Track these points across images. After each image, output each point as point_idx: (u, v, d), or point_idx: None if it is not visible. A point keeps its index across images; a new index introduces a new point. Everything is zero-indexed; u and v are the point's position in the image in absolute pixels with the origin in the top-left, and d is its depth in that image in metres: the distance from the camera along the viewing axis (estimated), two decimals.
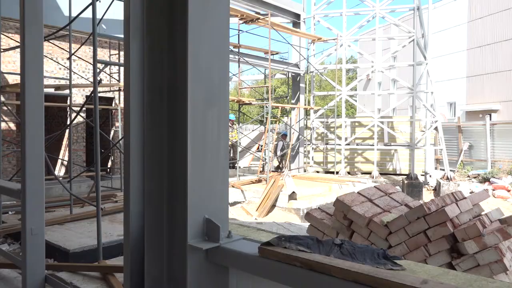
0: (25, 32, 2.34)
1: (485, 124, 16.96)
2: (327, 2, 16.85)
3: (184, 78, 1.21)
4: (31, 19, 2.35)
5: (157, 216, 1.31)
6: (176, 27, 1.24)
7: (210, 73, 1.26)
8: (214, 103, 1.27)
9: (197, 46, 1.21)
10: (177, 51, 1.24)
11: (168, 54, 1.28)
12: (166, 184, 1.29)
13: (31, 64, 2.37)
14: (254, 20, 13.04)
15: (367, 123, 16.45)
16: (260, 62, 14.91)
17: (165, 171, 1.29)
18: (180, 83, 1.23)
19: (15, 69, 9.85)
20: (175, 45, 1.25)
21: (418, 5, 15.43)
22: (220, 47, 1.29)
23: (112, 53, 12.11)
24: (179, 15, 1.22)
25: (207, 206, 1.27)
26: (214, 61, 1.26)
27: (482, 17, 24.08)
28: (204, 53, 1.23)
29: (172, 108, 1.27)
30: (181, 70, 1.22)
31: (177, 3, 1.23)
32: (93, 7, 4.63)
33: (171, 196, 1.28)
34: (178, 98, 1.24)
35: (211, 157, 1.27)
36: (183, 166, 1.22)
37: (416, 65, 15.47)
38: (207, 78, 1.25)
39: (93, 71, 4.87)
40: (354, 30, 16.58)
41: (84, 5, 5.62)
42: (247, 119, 23.80)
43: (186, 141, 1.21)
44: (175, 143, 1.26)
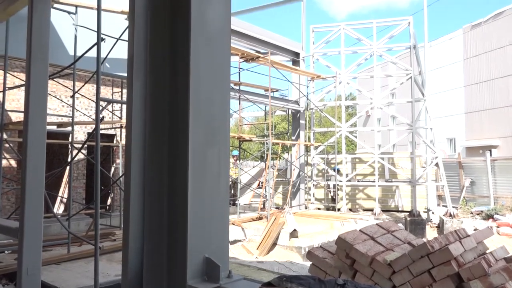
0: (31, 71, 2.39)
1: (486, 160, 16.95)
2: (326, 41, 17.31)
3: (186, 116, 1.22)
4: (37, 58, 2.41)
5: (157, 254, 1.28)
6: (178, 66, 1.27)
7: (211, 111, 1.28)
8: (215, 140, 1.28)
9: (199, 85, 1.23)
10: (179, 90, 1.26)
11: (170, 93, 1.30)
12: (166, 222, 1.28)
13: (35, 102, 2.41)
14: (255, 59, 13.34)
15: (368, 159, 16.46)
16: (261, 99, 15.11)
17: (166, 208, 1.28)
18: (181, 121, 1.24)
19: (18, 107, 9.98)
20: (177, 84, 1.27)
21: (415, 44, 15.82)
22: (221, 85, 1.31)
23: (115, 90, 12.31)
24: (181, 55, 1.25)
25: (207, 244, 1.25)
26: (215, 99, 1.28)
27: (477, 55, 24.64)
28: (206, 91, 1.25)
29: (173, 146, 1.28)
30: (183, 108, 1.24)
31: (179, 44, 1.26)
32: (98, 47, 4.75)
33: (171, 234, 1.27)
34: (179, 136, 1.25)
35: (211, 195, 1.27)
36: (183, 203, 1.21)
37: (415, 101, 15.67)
38: (208, 116, 1.27)
39: (96, 108, 4.93)
40: (353, 67, 16.92)
41: (88, 44, 5.77)
42: (248, 155, 23.82)
43: (186, 179, 1.21)
44: (176, 181, 1.26)
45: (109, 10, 9.31)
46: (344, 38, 16.64)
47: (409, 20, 15.99)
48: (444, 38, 27.34)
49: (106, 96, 11.95)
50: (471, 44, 25.13)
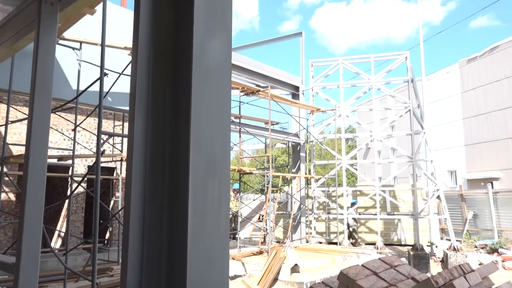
0: (34, 105, 2.42)
1: (488, 193, 16.84)
2: (325, 75, 17.61)
3: (186, 150, 1.23)
4: (40, 93, 2.45)
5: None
6: (180, 101, 1.29)
7: (212, 144, 1.28)
8: (215, 173, 1.28)
9: (200, 119, 1.25)
10: (180, 124, 1.27)
11: (170, 127, 1.32)
12: (165, 257, 1.26)
13: (37, 135, 2.42)
14: (255, 92, 13.52)
15: (369, 192, 16.35)
16: (261, 132, 15.20)
17: (165, 243, 1.27)
18: (182, 155, 1.25)
19: (20, 140, 10.03)
20: (178, 118, 1.29)
21: (412, 78, 16.08)
22: (222, 119, 1.32)
23: (116, 124, 12.41)
24: (182, 90, 1.27)
25: (206, 280, 1.22)
26: (216, 132, 1.29)
27: (475, 88, 24.99)
28: (206, 125, 1.27)
29: (174, 179, 1.28)
30: (183, 143, 1.24)
31: (181, 79, 1.29)
32: (100, 81, 4.83)
33: (169, 270, 1.24)
34: (180, 169, 1.26)
35: (211, 229, 1.25)
36: (183, 238, 1.20)
37: (414, 134, 15.75)
38: (209, 149, 1.27)
39: (97, 142, 4.96)
40: (352, 101, 17.12)
41: (91, 78, 5.87)
42: (248, 188, 23.69)
43: (186, 213, 1.20)
44: (176, 214, 1.25)
45: (112, 46, 9.54)
46: (342, 72, 16.94)
47: (406, 54, 16.32)
48: (441, 71, 27.81)
49: (108, 129, 12.03)
50: (468, 77, 25.54)
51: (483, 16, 77.60)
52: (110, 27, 7.24)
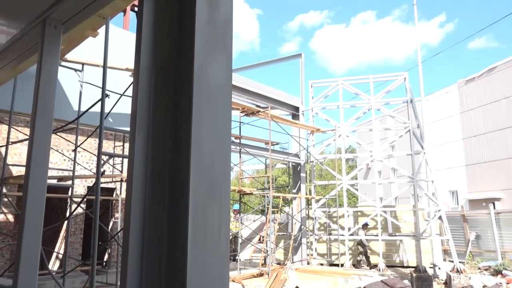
0: (35, 126, 2.43)
1: (490, 213, 16.72)
2: (324, 95, 17.73)
3: (187, 170, 1.23)
4: (42, 114, 2.46)
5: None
6: (180, 122, 1.29)
7: (212, 164, 1.28)
8: (215, 195, 1.28)
9: (200, 140, 1.25)
10: (180, 145, 1.28)
11: (171, 147, 1.32)
12: (164, 280, 1.24)
13: (38, 156, 2.42)
14: (255, 113, 13.60)
15: (370, 213, 16.23)
16: (261, 153, 15.21)
17: (164, 266, 1.25)
18: (182, 175, 1.25)
19: (20, 161, 10.03)
20: (178, 139, 1.29)
21: (411, 98, 16.19)
22: (222, 140, 1.33)
23: (116, 144, 12.43)
24: (183, 111, 1.28)
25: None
26: (216, 153, 1.30)
27: (474, 108, 25.12)
28: (207, 146, 1.27)
29: (174, 200, 1.27)
30: (184, 163, 1.24)
31: (182, 100, 1.30)
32: (102, 102, 4.86)
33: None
34: (180, 190, 1.25)
35: (211, 251, 1.24)
36: (182, 259, 1.18)
37: (414, 154, 15.75)
38: (209, 170, 1.27)
39: (97, 163, 4.96)
40: (352, 121, 17.18)
41: (92, 99, 5.92)
42: (248, 209, 23.54)
43: (186, 234, 1.19)
44: (176, 236, 1.24)
45: (114, 67, 9.64)
46: (342, 93, 17.06)
47: (405, 75, 16.48)
48: (440, 92, 28.02)
49: (108, 150, 12.04)
50: (467, 98, 25.71)
51: (481, 37, 78.91)
52: (112, 49, 7.34)
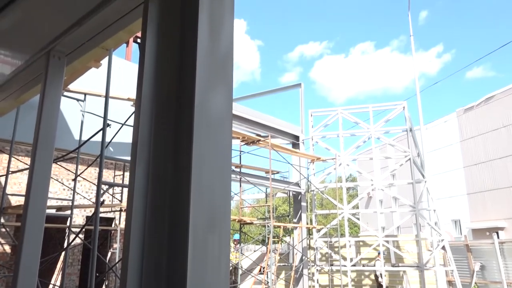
0: (36, 155, 2.44)
1: (494, 243, 16.47)
2: (324, 124, 17.82)
3: (187, 200, 1.22)
4: (43, 143, 2.47)
5: None
6: (181, 151, 1.30)
7: (213, 195, 1.28)
8: (215, 224, 1.26)
9: (201, 169, 1.25)
10: (181, 174, 1.28)
11: (171, 177, 1.32)
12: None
13: (37, 185, 2.42)
14: (255, 142, 13.63)
15: (372, 242, 16.00)
16: (261, 182, 15.14)
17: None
18: (182, 205, 1.24)
19: (19, 191, 9.98)
20: (179, 169, 1.29)
21: (411, 127, 16.27)
22: (222, 169, 1.33)
23: (116, 173, 12.40)
24: (184, 141, 1.29)
25: None
26: (217, 182, 1.29)
27: (473, 136, 25.21)
28: (207, 175, 1.27)
29: (174, 230, 1.26)
30: (184, 192, 1.24)
31: (183, 130, 1.30)
32: (103, 132, 4.88)
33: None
34: (180, 220, 1.24)
35: (211, 281, 1.22)
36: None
37: (415, 183, 15.67)
38: (209, 200, 1.27)
39: (97, 192, 4.93)
40: (352, 150, 17.20)
41: (93, 128, 5.95)
42: (249, 239, 23.23)
43: (186, 265, 1.17)
44: (175, 267, 1.22)
45: (116, 97, 9.74)
46: (342, 122, 17.16)
47: (404, 104, 16.62)
48: (439, 121, 28.20)
49: (108, 179, 12.00)
50: (466, 126, 25.84)
51: (479, 67, 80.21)
52: (114, 79, 7.44)
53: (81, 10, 2.10)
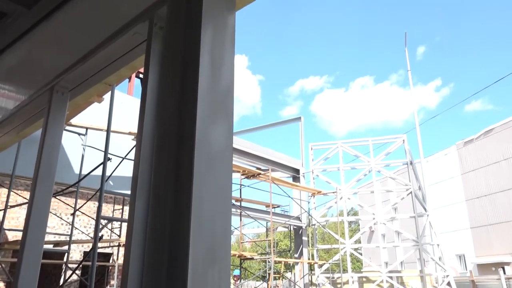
0: (36, 189, 2.43)
1: (500, 279, 16.09)
2: (325, 158, 17.84)
3: (187, 235, 1.21)
4: (43, 178, 2.47)
5: None
6: (181, 185, 1.30)
7: (213, 229, 1.27)
8: (215, 259, 1.25)
9: (201, 203, 1.25)
10: (181, 209, 1.27)
11: (171, 212, 1.31)
12: None
13: (36, 220, 2.39)
14: (256, 175, 13.60)
15: (375, 278, 15.62)
16: (262, 216, 14.98)
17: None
18: (182, 240, 1.23)
19: (17, 225, 9.86)
20: (179, 203, 1.29)
21: (411, 160, 16.27)
22: (222, 203, 1.32)
23: (116, 208, 12.29)
24: (184, 175, 1.29)
25: None
26: (217, 217, 1.28)
27: (474, 169, 25.14)
28: (207, 209, 1.26)
29: (173, 266, 1.24)
30: (184, 227, 1.23)
31: (183, 164, 1.31)
32: (103, 166, 4.89)
33: None
34: (179, 255, 1.22)
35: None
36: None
37: (418, 216, 15.49)
38: (209, 235, 1.25)
39: (95, 227, 4.88)
40: (352, 183, 17.12)
41: (93, 162, 5.96)
42: (249, 275, 22.71)
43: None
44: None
45: (117, 131, 9.81)
46: (342, 155, 17.19)
47: (403, 138, 16.70)
48: (440, 154, 28.22)
49: (107, 213, 11.88)
50: (466, 159, 25.83)
51: (477, 100, 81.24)
52: (115, 113, 7.52)
53: (86, 47, 2.16)
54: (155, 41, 1.55)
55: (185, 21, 1.42)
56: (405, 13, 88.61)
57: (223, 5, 1.45)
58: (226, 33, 1.43)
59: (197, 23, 1.35)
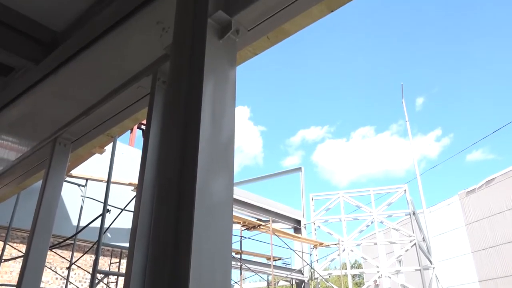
0: (32, 242, 2.39)
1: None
2: (326, 208, 17.63)
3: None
4: (41, 230, 2.44)
5: None
6: (181, 237, 1.28)
7: (212, 283, 1.24)
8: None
9: (200, 256, 1.23)
10: (180, 262, 1.25)
11: (170, 265, 1.28)
12: None
13: (31, 274, 2.33)
14: (256, 227, 13.38)
15: None
16: (263, 269, 14.55)
17: None
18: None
19: (9, 280, 9.56)
20: (178, 256, 1.27)
21: (414, 210, 16.07)
22: (222, 256, 1.30)
23: (113, 261, 11.97)
24: (184, 225, 1.28)
25: None
26: (217, 271, 1.26)
27: (478, 220, 24.74)
28: (207, 263, 1.24)
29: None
30: (183, 281, 1.20)
31: (184, 216, 1.30)
32: (102, 218, 4.83)
33: None
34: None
35: None
36: None
37: (423, 269, 15.04)
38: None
39: (91, 282, 4.73)
40: (355, 234, 16.80)
41: (92, 213, 5.89)
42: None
43: None
44: None
45: (117, 182, 9.78)
46: (343, 206, 17.00)
47: (405, 188, 16.60)
48: (442, 204, 27.89)
49: (104, 267, 11.54)
50: (470, 209, 25.50)
51: (478, 150, 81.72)
52: (116, 164, 7.54)
53: (91, 100, 2.22)
54: (158, 95, 1.60)
55: (187, 75, 1.47)
56: (403, 65, 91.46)
57: (225, 60, 1.51)
58: (227, 87, 1.47)
59: (199, 78, 1.40)
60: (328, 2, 1.70)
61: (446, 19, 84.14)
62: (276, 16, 1.71)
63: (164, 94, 1.62)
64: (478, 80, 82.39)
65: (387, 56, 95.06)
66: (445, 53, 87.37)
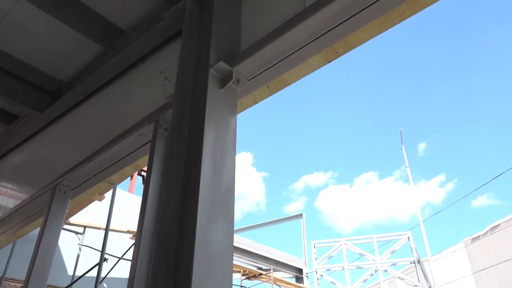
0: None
1: None
2: (328, 256, 17.19)
3: None
4: (36, 279, 2.37)
5: None
6: (180, 286, 1.25)
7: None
8: None
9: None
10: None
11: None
12: None
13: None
14: (257, 276, 12.99)
15: None
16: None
17: None
18: None
19: None
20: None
21: (418, 258, 15.66)
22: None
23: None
24: (184, 276, 1.25)
25: None
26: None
27: (485, 268, 24.06)
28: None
29: None
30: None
31: (183, 265, 1.28)
32: (99, 268, 4.71)
33: None
34: None
35: None
36: None
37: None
38: None
39: None
40: (359, 283, 16.26)
41: (89, 262, 5.74)
42: None
43: None
44: None
45: (116, 230, 9.62)
46: (346, 253, 16.59)
47: (408, 235, 16.28)
48: (447, 251, 27.23)
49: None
50: (476, 257, 24.87)
51: (482, 195, 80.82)
52: (115, 211, 7.44)
53: (92, 147, 2.23)
54: (159, 142, 1.62)
55: (189, 123, 1.49)
56: (403, 111, 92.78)
57: (225, 108, 1.54)
58: (228, 135, 1.49)
59: (200, 126, 1.42)
60: (325, 54, 1.76)
61: (446, 59, 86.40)
62: (276, 67, 1.76)
63: (165, 141, 1.64)
64: (480, 124, 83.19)
65: (388, 101, 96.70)
66: (443, 101, 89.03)
